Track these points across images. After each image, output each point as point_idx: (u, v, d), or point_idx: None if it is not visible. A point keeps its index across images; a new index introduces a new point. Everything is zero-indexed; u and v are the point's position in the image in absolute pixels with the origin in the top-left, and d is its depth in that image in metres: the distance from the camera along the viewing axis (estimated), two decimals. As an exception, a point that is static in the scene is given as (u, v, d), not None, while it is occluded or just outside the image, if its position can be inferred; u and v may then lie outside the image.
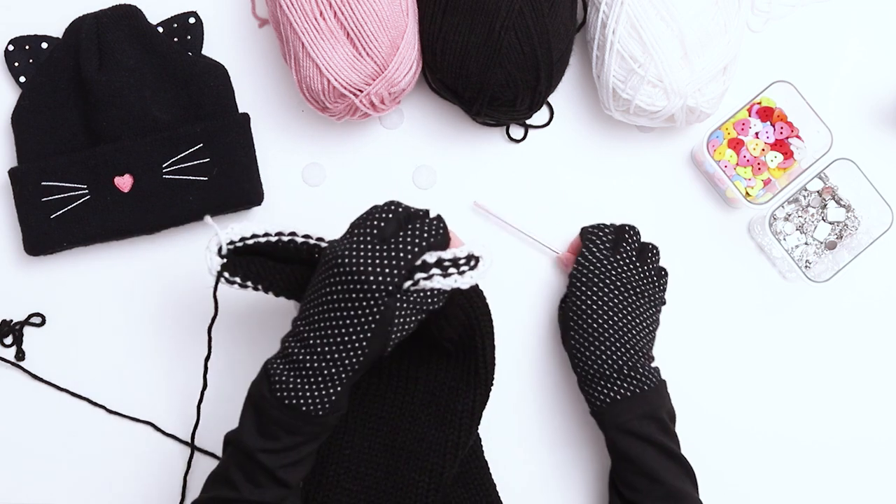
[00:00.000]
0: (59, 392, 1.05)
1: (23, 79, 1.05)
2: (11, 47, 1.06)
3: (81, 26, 1.04)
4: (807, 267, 1.07)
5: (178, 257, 1.06)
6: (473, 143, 1.09)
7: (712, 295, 1.07)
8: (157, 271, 1.06)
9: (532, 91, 1.01)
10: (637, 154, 1.09)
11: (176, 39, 1.07)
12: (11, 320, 1.05)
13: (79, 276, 1.06)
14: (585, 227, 1.03)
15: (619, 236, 1.01)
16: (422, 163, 1.09)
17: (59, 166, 1.03)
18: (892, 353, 1.08)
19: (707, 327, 1.07)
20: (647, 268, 0.99)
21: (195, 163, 1.03)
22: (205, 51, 1.08)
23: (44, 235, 1.03)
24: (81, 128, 1.05)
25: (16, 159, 1.05)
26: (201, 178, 1.04)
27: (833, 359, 1.07)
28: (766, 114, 1.08)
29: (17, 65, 1.06)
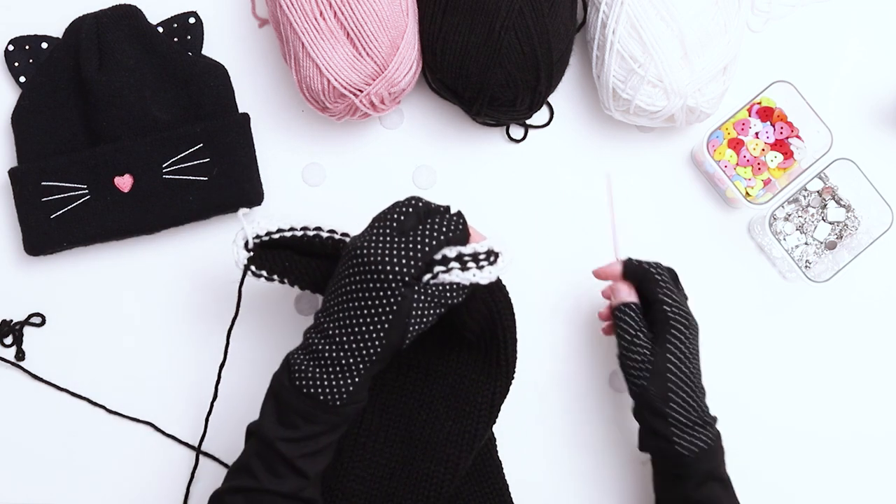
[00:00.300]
0: (59, 392, 1.05)
1: (23, 79, 1.06)
2: (11, 47, 1.06)
3: (81, 26, 1.04)
4: (807, 267, 1.07)
5: (178, 257, 1.06)
6: (473, 143, 1.09)
7: (712, 295, 1.07)
8: (157, 271, 1.06)
9: (532, 91, 1.01)
10: (637, 154, 1.09)
11: (176, 39, 1.07)
12: (11, 320, 1.05)
13: (79, 276, 1.06)
14: (641, 264, 0.96)
15: (671, 274, 0.98)
16: (422, 163, 1.09)
17: (59, 166, 1.03)
18: (893, 353, 1.08)
19: (707, 327, 1.07)
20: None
21: (195, 163, 1.03)
22: (205, 51, 1.08)
23: (44, 235, 1.03)
24: (81, 128, 1.05)
25: (16, 159, 1.05)
26: (201, 178, 1.04)
27: (833, 359, 1.07)
28: (766, 114, 1.08)
29: (17, 65, 1.06)
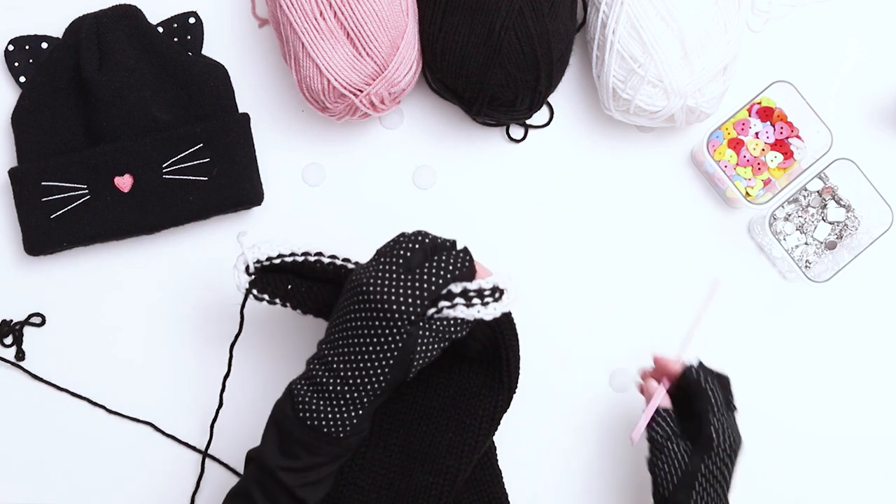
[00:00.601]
0: (59, 392, 1.05)
1: (23, 79, 1.05)
2: (11, 47, 1.06)
3: (81, 26, 1.04)
4: (807, 267, 1.07)
5: (178, 257, 1.06)
6: (473, 143, 1.09)
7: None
8: (157, 271, 1.06)
9: (532, 91, 1.01)
10: (637, 154, 1.09)
11: (176, 39, 1.07)
12: (11, 320, 1.05)
13: (79, 276, 1.06)
14: (699, 382, 0.92)
15: (724, 389, 0.94)
16: (422, 163, 1.09)
17: (59, 166, 1.03)
18: (893, 353, 1.08)
19: (707, 327, 1.07)
20: None
21: (195, 163, 1.03)
22: (205, 51, 1.08)
23: (44, 235, 1.03)
24: (81, 128, 1.05)
25: (16, 159, 1.05)
26: (201, 178, 1.04)
27: (833, 359, 1.07)
28: (766, 114, 1.08)
29: (17, 65, 1.06)
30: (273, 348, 1.04)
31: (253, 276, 0.91)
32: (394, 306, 0.82)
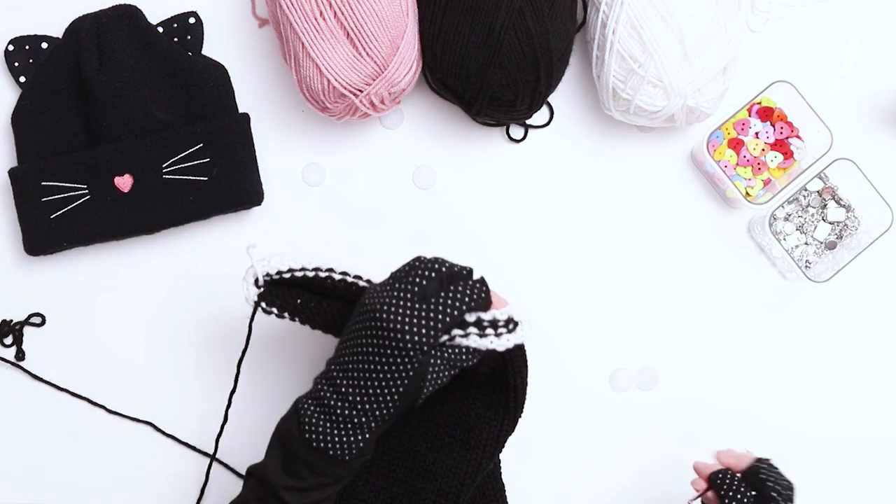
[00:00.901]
0: (59, 392, 1.05)
1: (23, 79, 1.05)
2: (11, 47, 1.06)
3: (81, 26, 1.04)
4: (807, 267, 1.07)
5: (178, 257, 1.06)
6: (473, 143, 1.09)
7: (712, 295, 1.07)
8: (157, 271, 1.06)
9: (532, 91, 1.01)
10: (637, 154, 1.09)
11: (176, 39, 1.07)
12: (11, 320, 1.05)
13: (79, 276, 1.06)
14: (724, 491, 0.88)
15: (760, 495, 0.88)
16: (422, 163, 1.09)
17: (59, 166, 1.03)
18: (893, 353, 1.08)
19: (707, 327, 1.07)
20: None
21: (195, 163, 1.03)
22: (205, 51, 1.08)
23: (44, 235, 1.03)
24: (81, 128, 1.05)
25: (16, 159, 1.05)
26: (201, 178, 1.04)
27: (833, 359, 1.07)
28: (766, 114, 1.08)
29: (17, 65, 1.06)
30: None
31: (262, 290, 0.89)
32: (406, 336, 0.81)
